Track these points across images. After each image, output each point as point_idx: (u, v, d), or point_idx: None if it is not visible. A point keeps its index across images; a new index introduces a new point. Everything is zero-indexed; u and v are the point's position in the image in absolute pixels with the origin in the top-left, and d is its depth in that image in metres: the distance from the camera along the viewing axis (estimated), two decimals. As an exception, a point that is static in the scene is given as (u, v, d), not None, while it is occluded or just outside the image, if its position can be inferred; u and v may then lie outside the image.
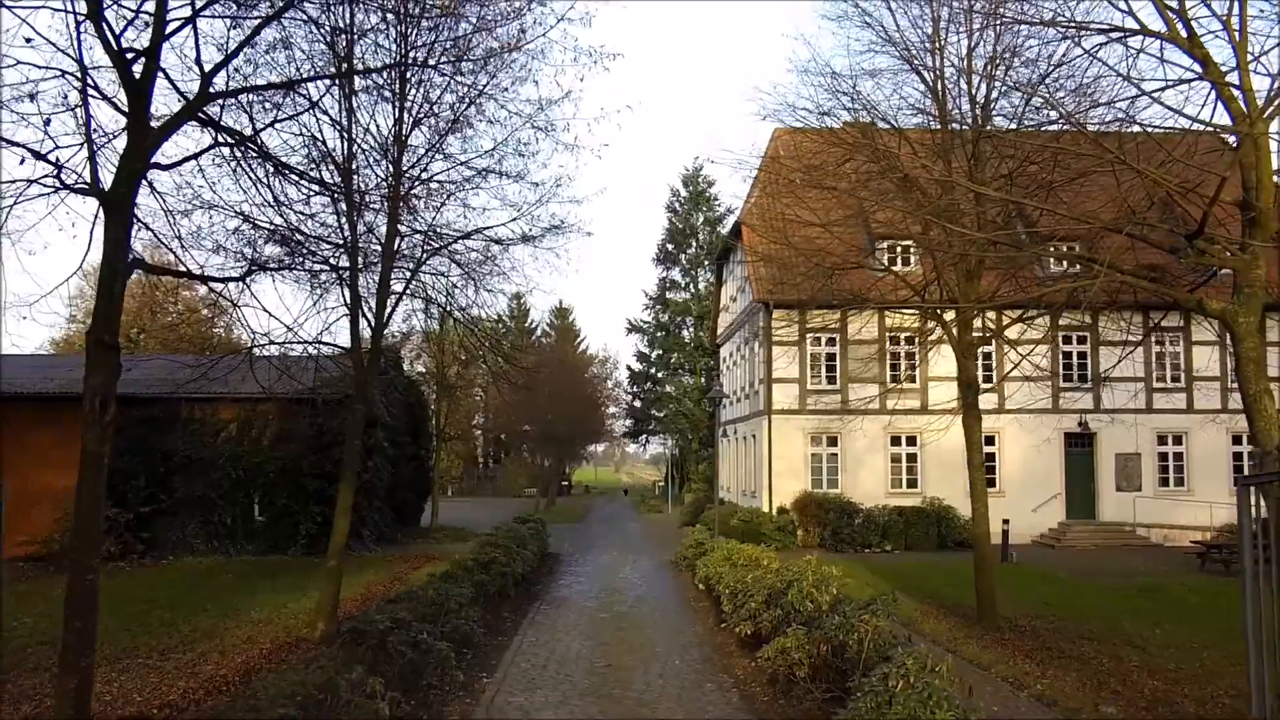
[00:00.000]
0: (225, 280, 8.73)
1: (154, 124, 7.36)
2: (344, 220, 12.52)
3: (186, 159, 7.49)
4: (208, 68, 7.59)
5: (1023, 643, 12.64)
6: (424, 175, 13.75)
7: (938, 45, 14.67)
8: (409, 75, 12.05)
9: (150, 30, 7.19)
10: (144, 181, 7.30)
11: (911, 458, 27.80)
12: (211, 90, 7.45)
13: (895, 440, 27.61)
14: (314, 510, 23.50)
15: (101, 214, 7.13)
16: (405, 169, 13.47)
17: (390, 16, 10.41)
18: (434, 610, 11.20)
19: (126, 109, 7.17)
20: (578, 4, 13.72)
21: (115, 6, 7.18)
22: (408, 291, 14.21)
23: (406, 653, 9.32)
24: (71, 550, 6.88)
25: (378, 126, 12.90)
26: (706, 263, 51.24)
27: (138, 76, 7.13)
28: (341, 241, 12.74)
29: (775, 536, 24.69)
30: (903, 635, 8.12)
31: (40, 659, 11.05)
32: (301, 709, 7.21)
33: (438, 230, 13.95)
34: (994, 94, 13.76)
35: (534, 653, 12.00)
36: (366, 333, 13.75)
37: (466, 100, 13.26)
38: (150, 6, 7.22)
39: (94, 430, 6.76)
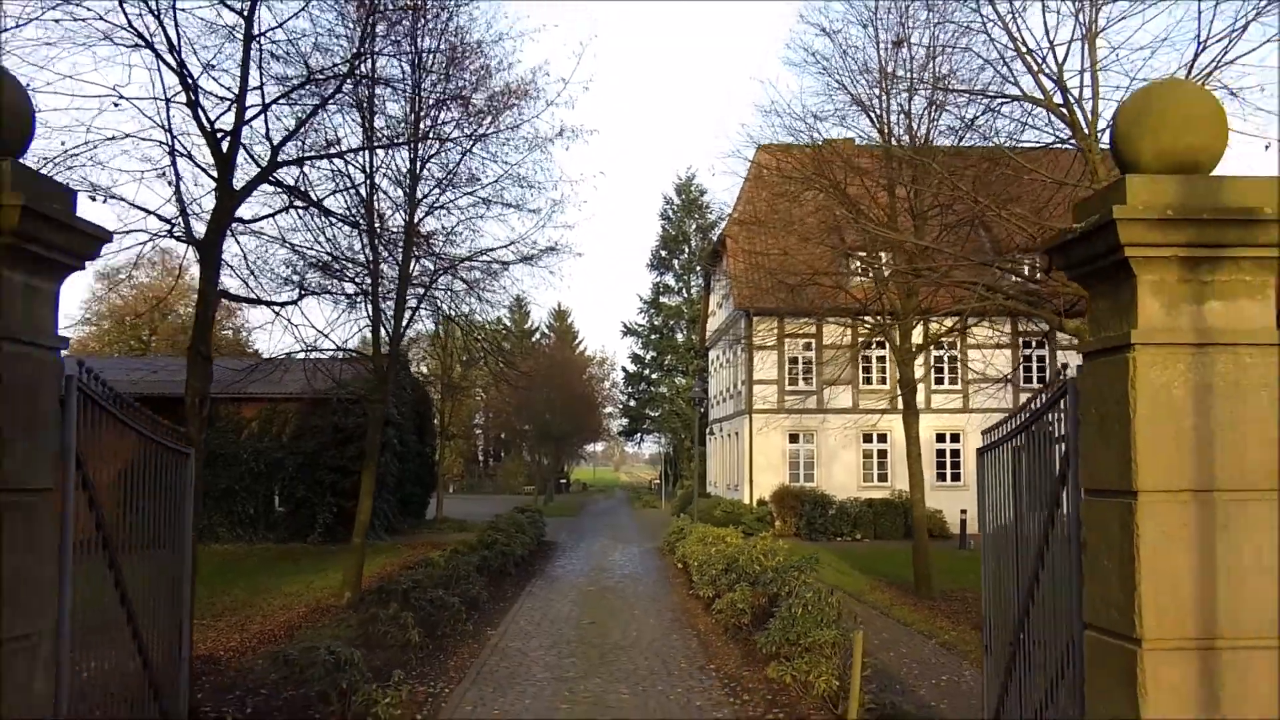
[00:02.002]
0: (284, 304, 10.90)
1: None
2: (368, 249, 14.65)
3: (264, 217, 9.68)
4: (275, 140, 9.73)
5: (948, 608, 14.75)
6: (436, 205, 15.89)
7: (885, 89, 16.79)
8: (421, 133, 14.19)
9: (234, 116, 9.34)
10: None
11: (882, 454, 29.94)
12: (280, 159, 9.59)
13: (867, 437, 29.75)
14: (330, 501, 25.59)
15: (193, 254, 9.28)
16: (420, 197, 15.61)
17: (406, 100, 12.61)
18: (447, 577, 13.32)
19: (215, 175, 9.31)
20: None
21: (208, 97, 9.34)
22: (421, 305, 16.36)
23: (425, 606, 11.44)
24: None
25: (397, 168, 14.97)
26: (698, 268, 53.35)
27: (224, 151, 9.28)
28: (365, 264, 14.86)
29: (755, 526, 26.75)
30: (824, 587, 10.24)
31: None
32: (349, 644, 9.32)
33: (447, 253, 16.05)
34: (932, 134, 15.86)
35: (530, 614, 14.15)
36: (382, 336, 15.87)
37: (473, 139, 15.45)
38: (220, 92, 9.38)
39: (195, 421, 8.90)
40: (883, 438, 29.68)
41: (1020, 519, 5.29)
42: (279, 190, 9.70)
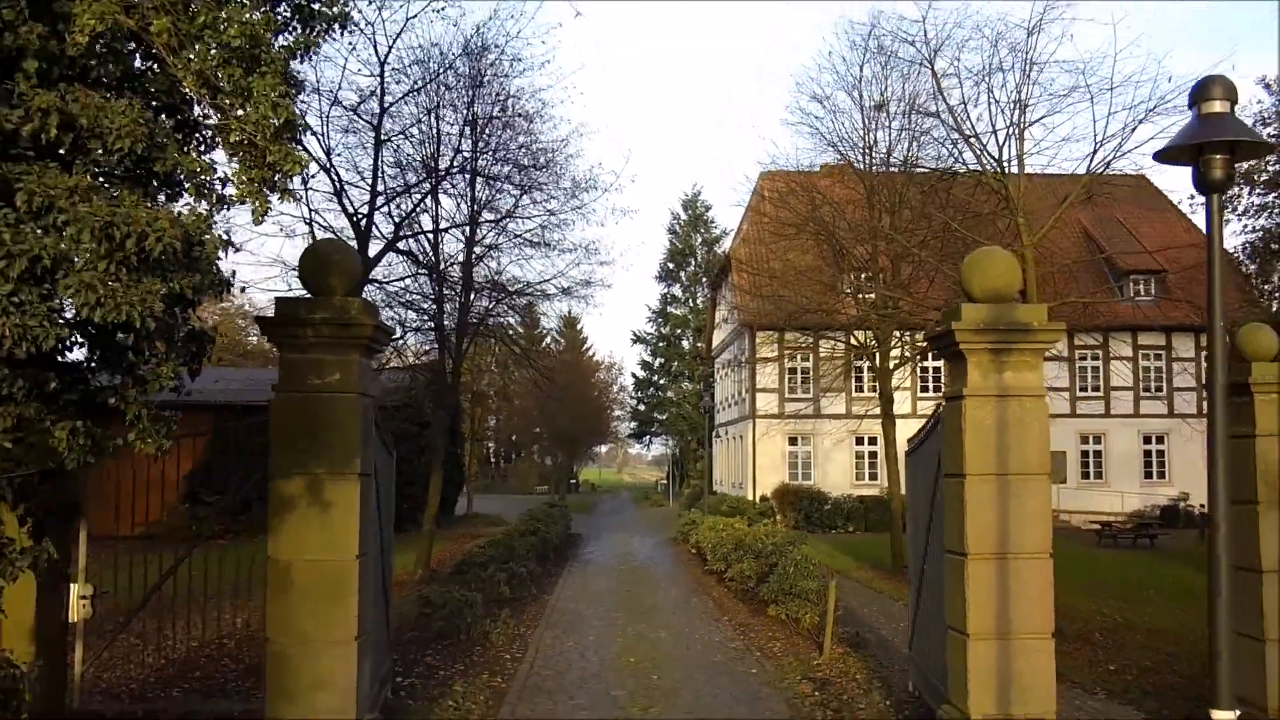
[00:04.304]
0: (391, 340, 14.05)
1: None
2: (435, 288, 17.77)
3: (395, 280, 12.85)
4: (398, 218, 12.92)
5: (918, 582, 17.90)
6: (491, 246, 19.03)
7: (869, 145, 19.92)
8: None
9: (368, 203, 12.52)
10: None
11: (872, 455, 33.04)
12: (401, 234, 12.77)
13: (858, 440, 32.88)
14: (378, 498, 28.67)
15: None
16: (477, 240, 18.73)
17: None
18: (508, 554, 16.45)
19: (356, 247, 12.47)
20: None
21: (349, 187, 12.52)
22: (478, 330, 19.51)
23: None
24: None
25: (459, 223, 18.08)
26: (704, 279, 56.45)
27: (362, 228, 12.46)
28: (434, 300, 17.98)
29: (757, 520, 29.85)
30: (810, 553, 13.38)
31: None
32: (459, 590, 12.43)
33: (503, 287, 19.16)
34: (907, 192, 18.95)
35: (574, 585, 17.31)
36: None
37: (522, 189, 18.59)
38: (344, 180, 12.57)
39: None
40: (873, 440, 32.72)
41: (924, 495, 8.41)
42: (417, 268, 12.96)
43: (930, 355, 29.57)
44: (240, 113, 4.47)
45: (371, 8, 12.71)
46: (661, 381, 61.62)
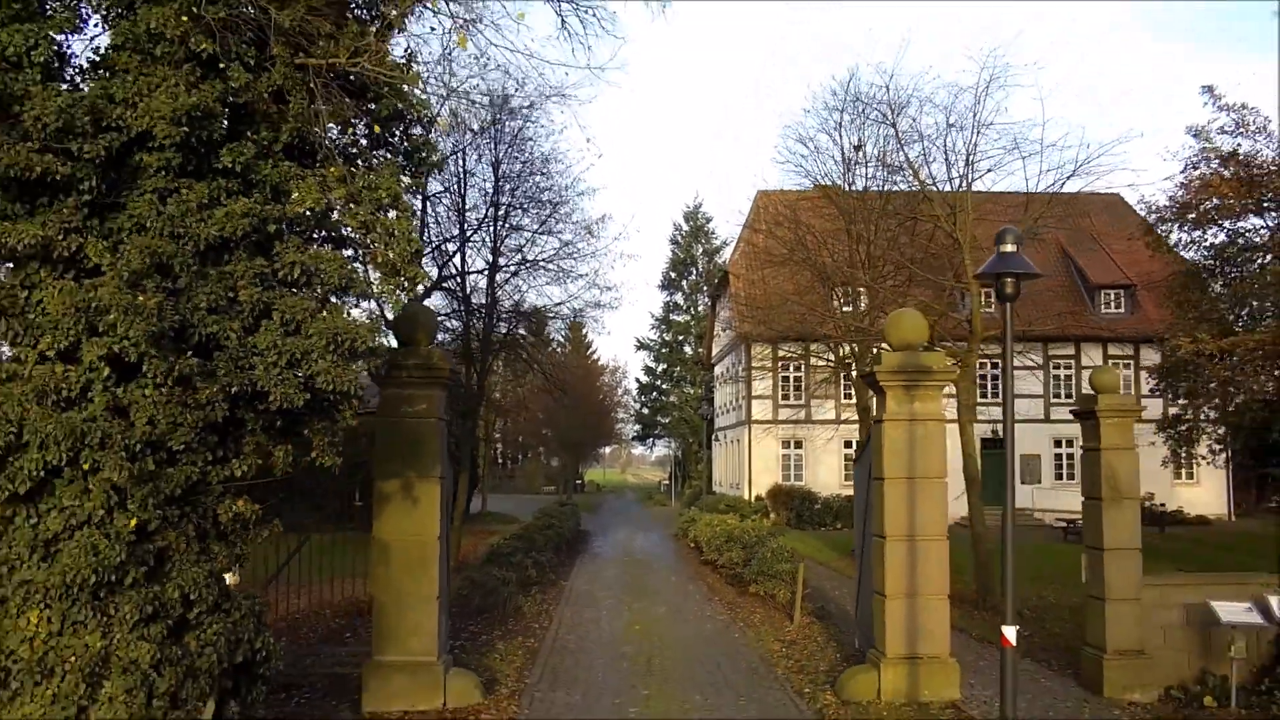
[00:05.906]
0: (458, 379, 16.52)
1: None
2: (464, 317, 20.25)
3: (445, 315, 15.25)
4: (442, 262, 15.39)
5: (889, 571, 20.31)
6: (512, 274, 21.52)
7: (848, 182, 22.34)
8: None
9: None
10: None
11: (860, 457, 35.50)
12: (445, 274, 15.22)
13: (848, 444, 35.17)
14: (403, 497, 31.15)
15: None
16: (500, 267, 21.23)
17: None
18: (529, 545, 18.89)
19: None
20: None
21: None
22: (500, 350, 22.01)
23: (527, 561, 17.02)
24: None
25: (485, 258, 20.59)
26: (705, 288, 58.83)
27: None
28: (463, 322, 20.46)
29: (749, 517, 32.27)
30: (786, 543, 15.80)
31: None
32: (497, 570, 14.85)
33: (522, 311, 21.67)
34: (881, 225, 21.37)
35: (586, 573, 19.76)
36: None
37: (538, 226, 21.09)
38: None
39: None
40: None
41: (863, 493, 10.83)
42: (465, 307, 15.46)
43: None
44: (388, 241, 6.90)
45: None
46: (664, 386, 64.00)
